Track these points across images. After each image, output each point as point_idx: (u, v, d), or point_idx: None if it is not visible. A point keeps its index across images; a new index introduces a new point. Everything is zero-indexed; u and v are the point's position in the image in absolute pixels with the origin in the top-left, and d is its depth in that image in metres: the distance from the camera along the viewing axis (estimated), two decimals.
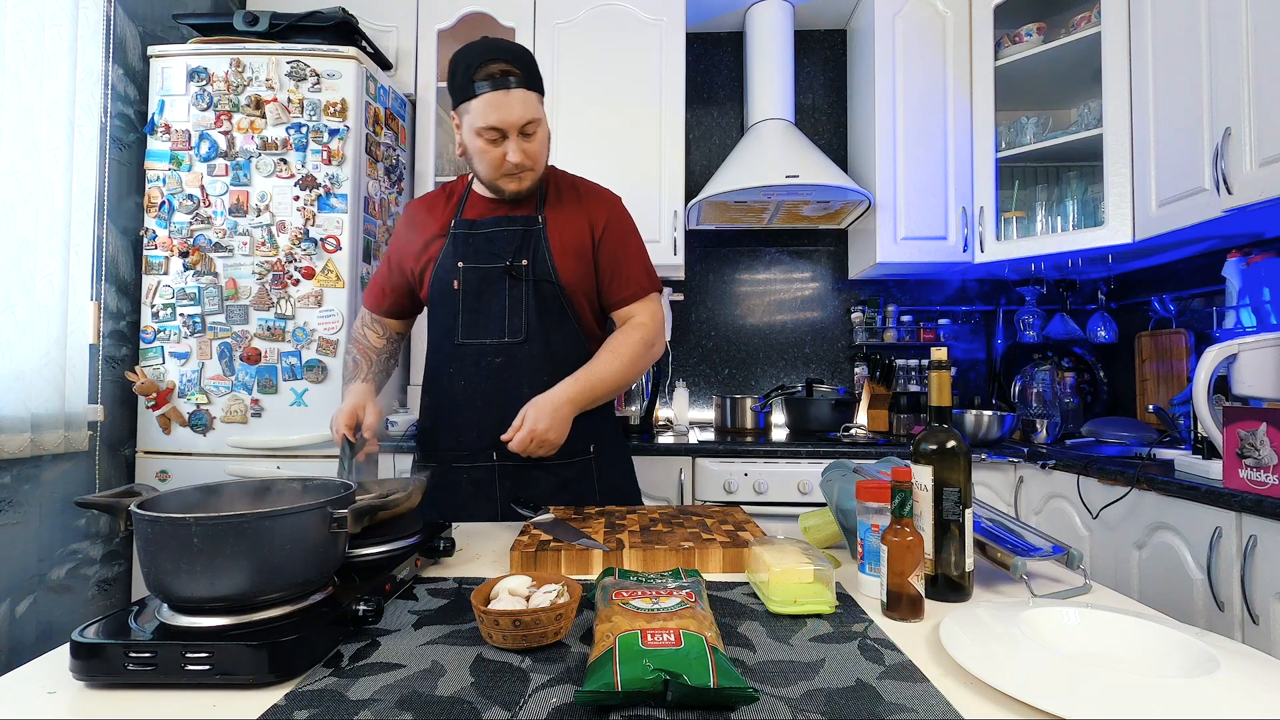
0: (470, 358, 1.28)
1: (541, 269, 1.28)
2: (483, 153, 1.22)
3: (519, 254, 1.27)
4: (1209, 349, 1.55)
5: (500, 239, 1.29)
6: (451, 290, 1.28)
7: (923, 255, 2.46)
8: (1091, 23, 2.18)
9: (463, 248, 1.30)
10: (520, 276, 1.26)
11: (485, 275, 1.27)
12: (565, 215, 1.32)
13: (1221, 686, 0.54)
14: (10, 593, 1.69)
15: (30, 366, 1.66)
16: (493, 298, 1.28)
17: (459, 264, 1.28)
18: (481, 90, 1.18)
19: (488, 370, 1.27)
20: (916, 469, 0.83)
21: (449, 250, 1.30)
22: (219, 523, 0.61)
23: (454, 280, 1.28)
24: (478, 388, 1.28)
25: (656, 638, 0.59)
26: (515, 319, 1.27)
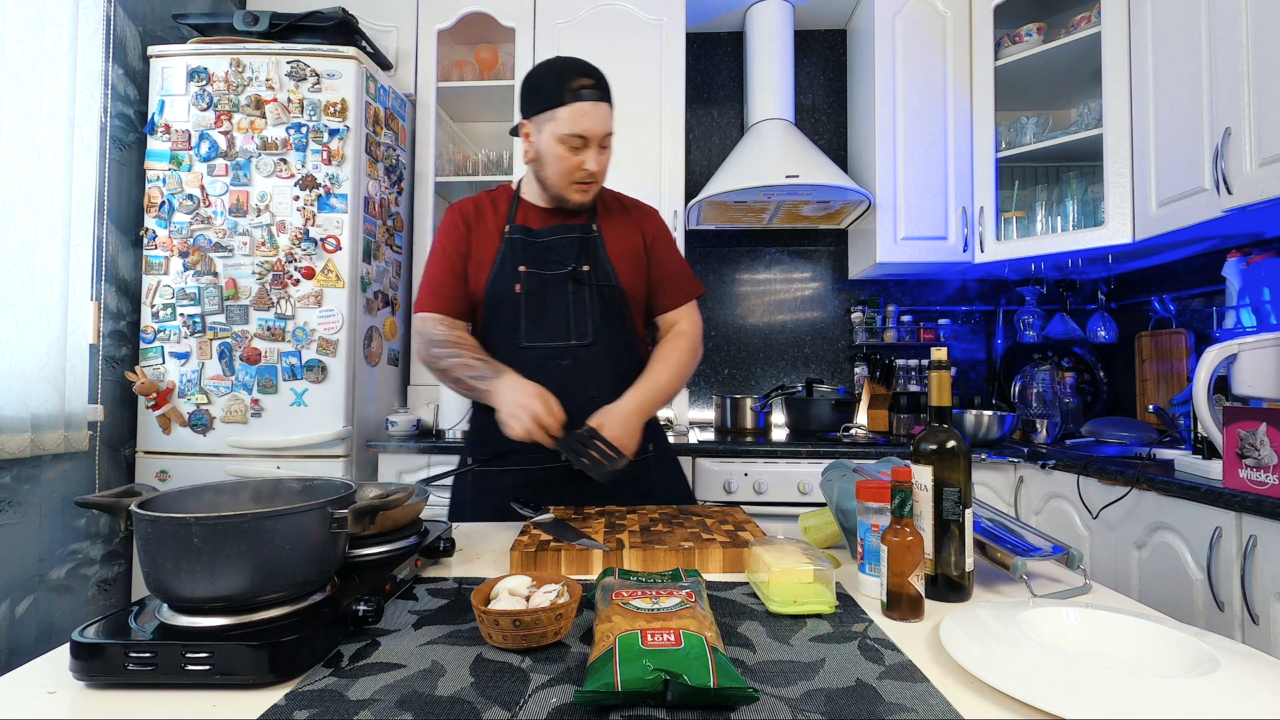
0: (536, 360, 1.28)
1: (603, 274, 1.32)
2: (561, 160, 1.25)
3: (580, 260, 1.31)
4: (1209, 349, 1.55)
5: (560, 246, 1.31)
6: (512, 294, 1.28)
7: (923, 255, 2.46)
8: (1091, 23, 2.18)
9: (521, 253, 1.30)
10: (584, 281, 1.30)
11: (546, 280, 1.29)
12: (618, 225, 1.37)
13: (1221, 686, 0.54)
14: (10, 593, 1.69)
15: (30, 366, 1.66)
16: (555, 302, 1.30)
17: (519, 268, 1.29)
18: (571, 99, 1.21)
19: (555, 373, 1.28)
20: (916, 469, 0.83)
21: (507, 254, 1.30)
22: (219, 523, 0.61)
23: (515, 284, 1.28)
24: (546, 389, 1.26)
25: (656, 638, 0.59)
26: (581, 322, 1.30)
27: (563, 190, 1.28)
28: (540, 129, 1.25)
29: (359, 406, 2.13)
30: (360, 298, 2.12)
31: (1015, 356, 2.75)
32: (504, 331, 1.30)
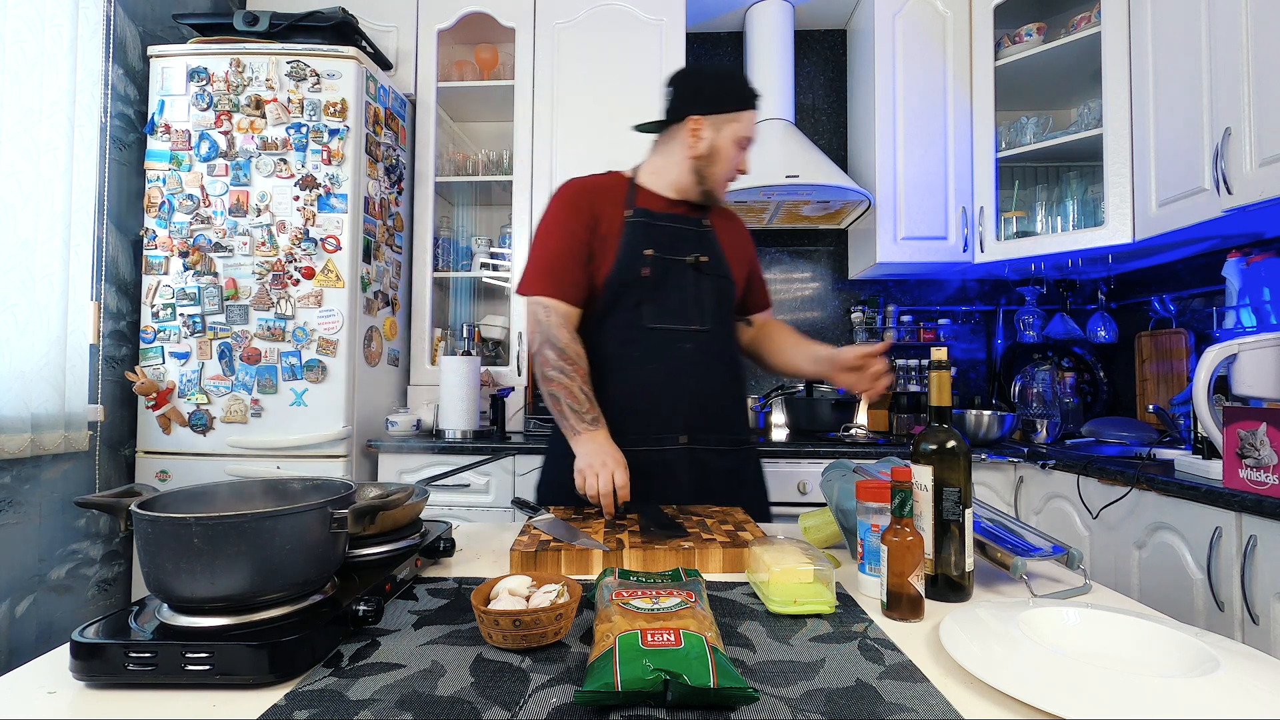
0: (659, 342, 1.31)
1: (720, 267, 1.38)
2: (730, 159, 1.33)
3: (698, 249, 1.36)
4: (1209, 349, 1.55)
5: (680, 235, 1.35)
6: (639, 276, 1.29)
7: (923, 255, 2.45)
8: (1091, 23, 2.18)
9: (644, 236, 1.32)
10: (703, 270, 1.35)
11: (670, 265, 1.32)
12: (726, 225, 1.45)
13: (1221, 686, 0.54)
14: (10, 593, 1.69)
15: (30, 366, 1.66)
16: (678, 287, 1.33)
17: (645, 252, 1.30)
18: (752, 106, 1.35)
19: (677, 355, 1.31)
20: (916, 469, 0.83)
21: (632, 236, 1.31)
22: (219, 523, 0.61)
23: (642, 268, 1.30)
24: (669, 372, 1.30)
25: (656, 638, 0.59)
26: (700, 309, 1.34)
27: (719, 185, 1.35)
28: (720, 128, 1.31)
29: (359, 406, 2.13)
30: (360, 298, 2.12)
31: (1015, 356, 2.75)
32: (628, 313, 1.31)
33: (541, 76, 2.51)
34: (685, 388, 1.30)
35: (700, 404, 1.31)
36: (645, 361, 1.30)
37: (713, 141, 1.31)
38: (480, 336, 2.57)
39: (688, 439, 1.30)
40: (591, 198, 1.33)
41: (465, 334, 2.51)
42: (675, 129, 1.33)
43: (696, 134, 1.31)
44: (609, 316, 1.32)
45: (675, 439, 1.29)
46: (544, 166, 2.50)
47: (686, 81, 1.34)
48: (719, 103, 1.31)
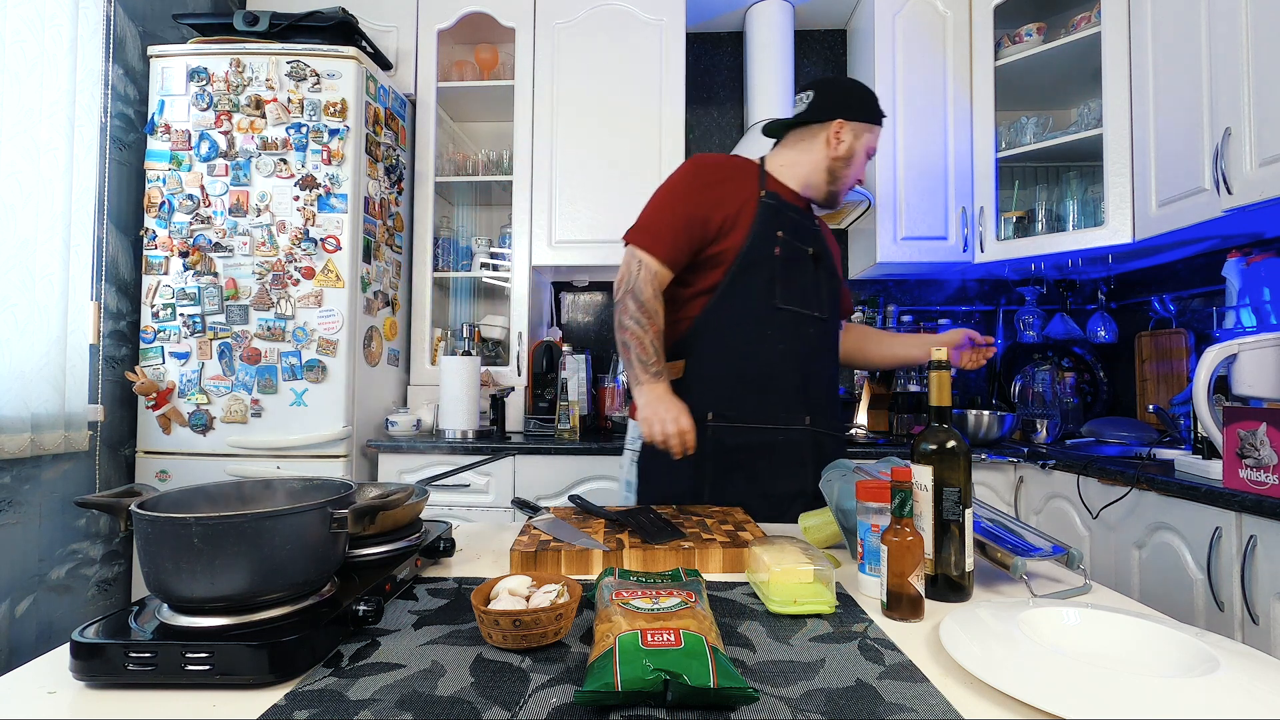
0: (789, 323, 1.35)
1: (829, 261, 1.47)
2: (860, 165, 1.44)
3: (815, 242, 1.44)
4: (1209, 349, 1.55)
5: (801, 225, 1.42)
6: (771, 255, 1.34)
7: (923, 255, 2.45)
8: (1091, 23, 2.18)
9: (776, 219, 1.37)
10: (822, 261, 1.43)
11: (796, 251, 1.38)
12: (827, 233, 1.53)
13: (1221, 686, 0.54)
14: (10, 593, 1.69)
15: (30, 366, 1.66)
16: (803, 273, 1.39)
17: (778, 233, 1.35)
18: (881, 123, 1.44)
19: (804, 338, 1.37)
20: (916, 469, 0.83)
21: (765, 216, 1.36)
22: (219, 523, 0.61)
23: (775, 247, 1.34)
24: (796, 353, 1.36)
25: (656, 638, 0.59)
26: (819, 297, 1.41)
27: (845, 188, 1.44)
28: (859, 136, 1.41)
29: (359, 406, 2.13)
30: (360, 298, 2.12)
31: (1015, 356, 2.75)
32: (758, 290, 1.34)
33: (541, 76, 2.51)
34: (809, 371, 1.37)
35: (821, 388, 1.38)
36: (775, 341, 1.34)
37: (851, 145, 1.40)
38: (480, 336, 2.57)
39: (810, 420, 1.35)
40: (723, 175, 1.38)
41: (465, 334, 2.51)
42: (816, 129, 1.41)
43: (839, 136, 1.39)
44: (737, 292, 1.34)
45: (800, 419, 1.35)
46: (544, 166, 2.50)
47: (833, 87, 1.42)
48: (862, 112, 1.40)
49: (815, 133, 1.40)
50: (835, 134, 1.38)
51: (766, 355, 1.33)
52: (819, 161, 1.41)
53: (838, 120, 1.38)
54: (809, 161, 1.42)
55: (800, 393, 1.35)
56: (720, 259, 1.34)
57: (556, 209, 2.49)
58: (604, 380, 2.50)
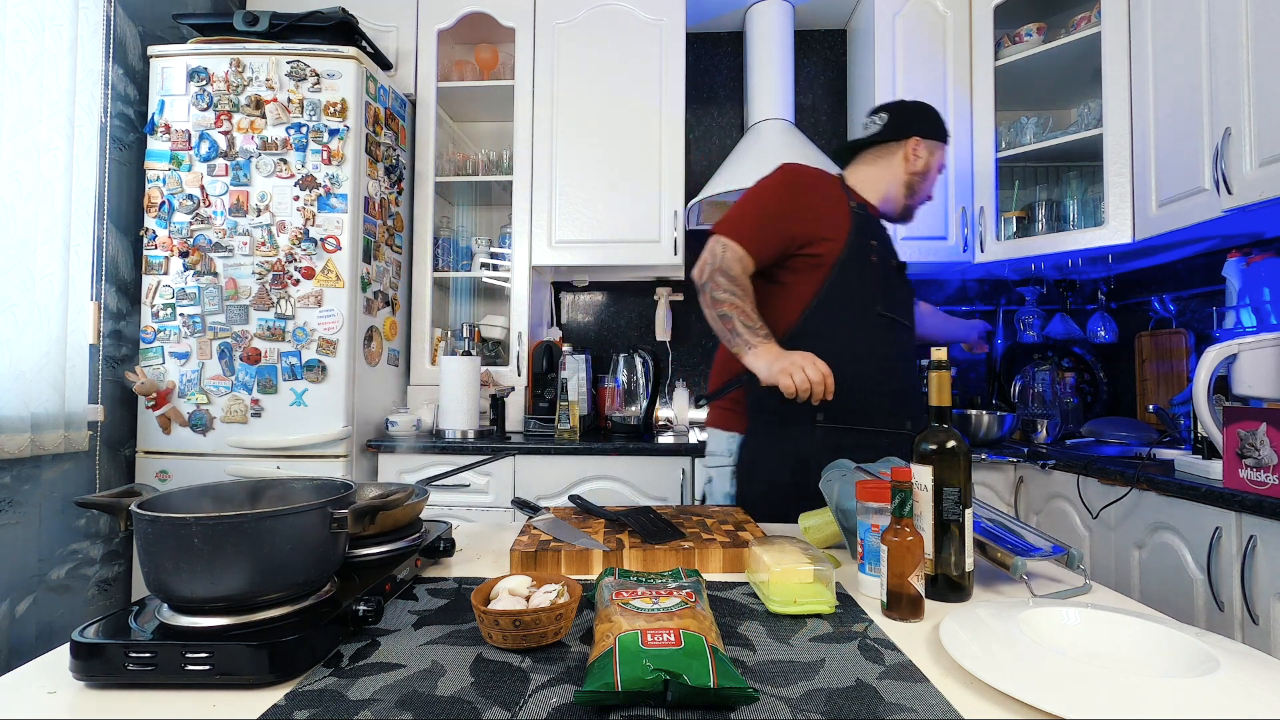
0: (885, 328, 1.40)
1: (904, 271, 1.52)
2: (932, 180, 1.53)
3: (893, 253, 1.50)
4: (1209, 349, 1.55)
5: (882, 236, 1.47)
6: (869, 262, 1.39)
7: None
8: (1091, 23, 2.18)
9: (868, 229, 1.43)
10: (902, 273, 1.50)
11: (885, 260, 1.44)
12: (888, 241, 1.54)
13: (1221, 686, 0.54)
14: (10, 593, 1.69)
15: (30, 366, 1.66)
16: (894, 282, 1.45)
17: (871, 241, 1.42)
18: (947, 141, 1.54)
19: (895, 343, 1.42)
20: (916, 469, 0.83)
21: (860, 226, 1.41)
22: (219, 523, 0.61)
23: (870, 255, 1.40)
24: (895, 357, 1.41)
25: (656, 638, 0.59)
26: (903, 306, 1.47)
27: (917, 202, 1.52)
28: (934, 153, 1.51)
29: (359, 406, 2.13)
30: (360, 298, 2.12)
31: (1015, 356, 2.75)
32: (859, 296, 1.38)
33: (541, 76, 2.51)
34: (905, 377, 1.42)
35: (915, 393, 1.44)
36: (878, 346, 1.39)
37: (926, 161, 1.49)
38: (480, 336, 2.57)
39: (911, 424, 1.41)
40: (813, 185, 1.44)
41: (465, 334, 2.51)
42: (894, 147, 1.49)
43: (916, 152, 1.48)
44: (839, 297, 1.37)
45: (902, 423, 1.39)
46: (544, 166, 2.50)
47: (906, 109, 1.52)
48: (935, 130, 1.51)
49: (893, 150, 1.50)
50: (913, 150, 1.48)
51: (871, 360, 1.37)
52: (898, 176, 1.50)
53: (914, 138, 1.48)
54: (889, 176, 1.50)
55: (901, 397, 1.40)
56: (819, 262, 1.37)
57: (556, 209, 2.49)
58: (604, 380, 2.49)
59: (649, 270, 2.59)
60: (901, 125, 1.49)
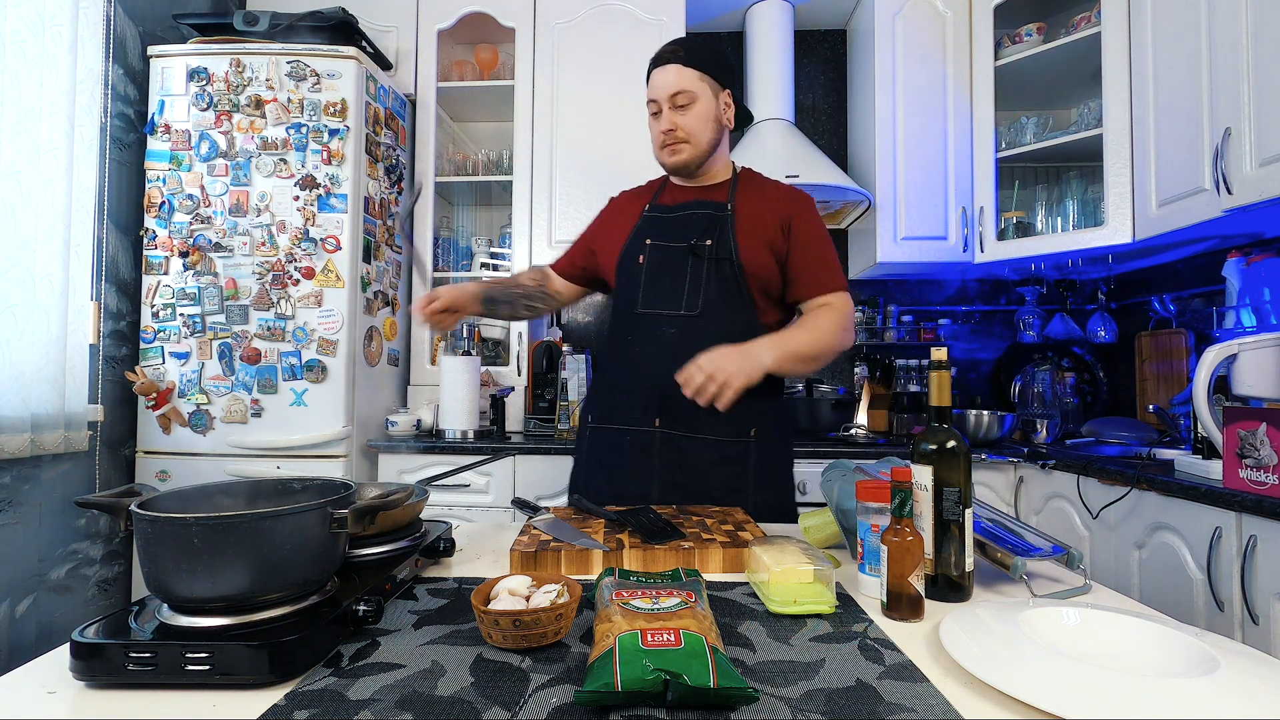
0: (647, 327, 1.35)
1: (724, 250, 1.33)
2: (651, 127, 1.37)
3: (704, 235, 1.35)
4: (1209, 349, 1.55)
5: (689, 221, 1.37)
6: (636, 265, 1.37)
7: (923, 255, 2.45)
8: (1091, 23, 2.18)
9: (650, 228, 1.39)
10: (702, 255, 1.34)
11: (669, 252, 1.36)
12: (756, 207, 1.37)
13: (1221, 686, 0.54)
14: (10, 593, 1.69)
15: (30, 366, 1.66)
16: (675, 274, 1.35)
17: (646, 241, 1.38)
18: (650, 69, 1.36)
19: (662, 339, 1.33)
20: (916, 469, 0.83)
21: (640, 230, 1.40)
22: (219, 523, 0.61)
23: (639, 256, 1.37)
24: (650, 355, 1.34)
25: (656, 638, 0.59)
26: (694, 295, 1.33)
27: (658, 157, 1.38)
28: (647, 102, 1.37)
29: (359, 406, 2.13)
30: (360, 298, 2.12)
31: (1015, 356, 2.75)
32: (625, 299, 1.38)
33: (541, 76, 2.51)
34: (664, 373, 1.25)
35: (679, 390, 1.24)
36: (632, 345, 1.36)
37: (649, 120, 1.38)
38: (480, 336, 2.57)
39: (660, 422, 1.32)
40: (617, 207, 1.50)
41: (465, 334, 2.51)
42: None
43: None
44: (616, 304, 1.42)
45: (650, 421, 1.32)
46: (544, 166, 2.50)
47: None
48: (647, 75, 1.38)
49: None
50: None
51: (625, 360, 1.38)
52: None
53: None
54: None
55: (653, 395, 1.31)
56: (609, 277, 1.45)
57: (556, 209, 2.49)
58: None
59: None
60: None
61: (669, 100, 1.31)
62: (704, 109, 1.33)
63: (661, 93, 1.31)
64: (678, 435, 1.31)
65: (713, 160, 1.38)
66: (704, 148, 1.34)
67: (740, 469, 1.33)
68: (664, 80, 1.32)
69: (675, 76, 1.31)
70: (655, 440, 1.31)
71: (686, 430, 1.31)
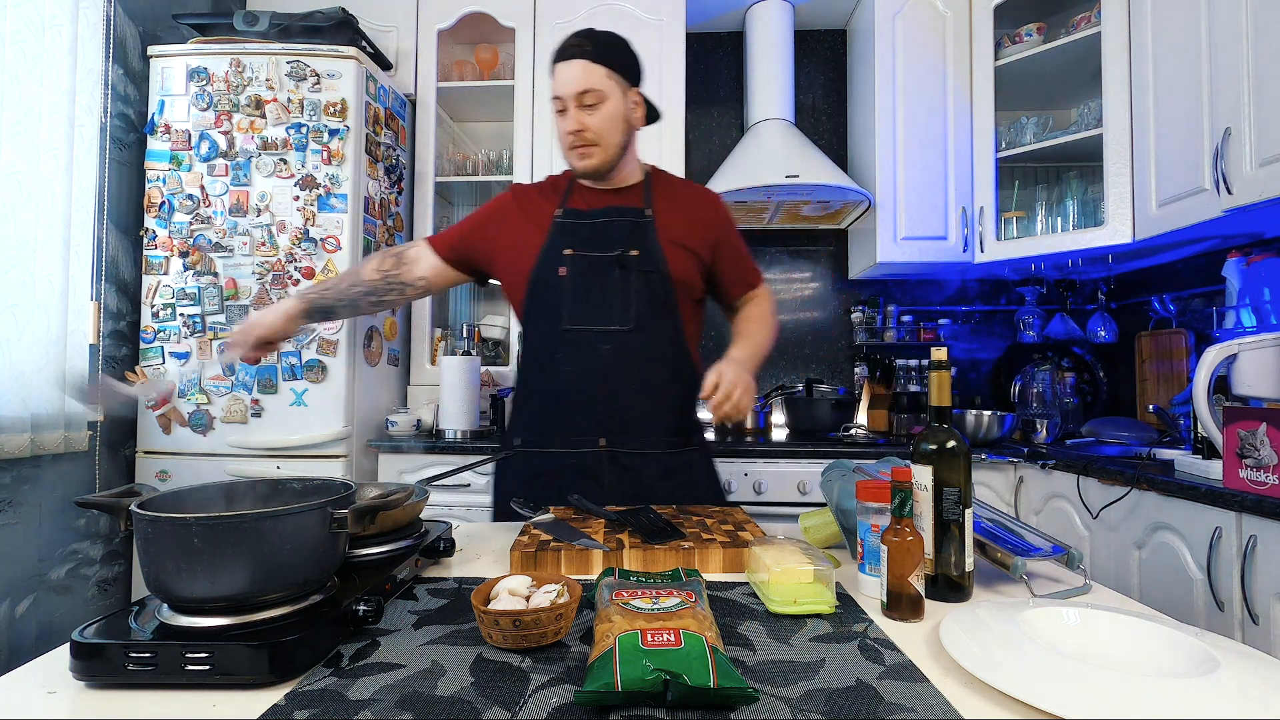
0: (577, 343, 1.28)
1: (650, 260, 1.29)
2: (557, 126, 1.29)
3: (628, 245, 1.29)
4: (1209, 349, 1.55)
5: (609, 229, 1.30)
6: (557, 277, 1.28)
7: (923, 255, 2.45)
8: (1091, 23, 2.18)
9: (569, 236, 1.30)
10: (630, 266, 1.29)
11: (593, 263, 1.28)
12: (674, 211, 1.35)
13: (1221, 686, 0.54)
14: (10, 593, 1.69)
15: (30, 366, 1.66)
16: (601, 286, 1.29)
17: (564, 251, 1.29)
18: (554, 62, 1.27)
19: (597, 356, 1.28)
20: (916, 469, 0.83)
21: (555, 238, 1.30)
22: (219, 523, 0.61)
23: (559, 268, 1.28)
24: (587, 374, 1.28)
25: (656, 638, 0.59)
26: (625, 308, 1.29)
27: (567, 158, 1.30)
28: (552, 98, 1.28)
29: (359, 406, 2.13)
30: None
31: (1015, 356, 2.75)
32: (547, 314, 1.29)
33: (541, 76, 2.51)
34: (603, 390, 1.27)
35: (621, 406, 1.27)
36: (564, 364, 1.28)
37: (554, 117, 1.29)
38: (480, 336, 2.57)
39: (606, 442, 1.28)
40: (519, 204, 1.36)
41: (465, 334, 2.51)
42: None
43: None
44: (532, 319, 1.31)
45: (594, 441, 1.28)
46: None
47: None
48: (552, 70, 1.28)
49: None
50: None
51: (559, 380, 1.29)
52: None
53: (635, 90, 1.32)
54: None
55: (591, 415, 1.28)
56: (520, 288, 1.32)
57: None
58: None
59: None
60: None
61: (575, 99, 1.24)
62: (613, 109, 1.27)
63: (567, 90, 1.24)
64: (624, 453, 1.28)
65: (624, 162, 1.33)
66: (614, 150, 1.30)
67: (686, 478, 1.33)
68: (570, 76, 1.24)
69: (582, 73, 1.23)
70: (603, 460, 1.28)
71: (634, 447, 1.28)
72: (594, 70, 1.24)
